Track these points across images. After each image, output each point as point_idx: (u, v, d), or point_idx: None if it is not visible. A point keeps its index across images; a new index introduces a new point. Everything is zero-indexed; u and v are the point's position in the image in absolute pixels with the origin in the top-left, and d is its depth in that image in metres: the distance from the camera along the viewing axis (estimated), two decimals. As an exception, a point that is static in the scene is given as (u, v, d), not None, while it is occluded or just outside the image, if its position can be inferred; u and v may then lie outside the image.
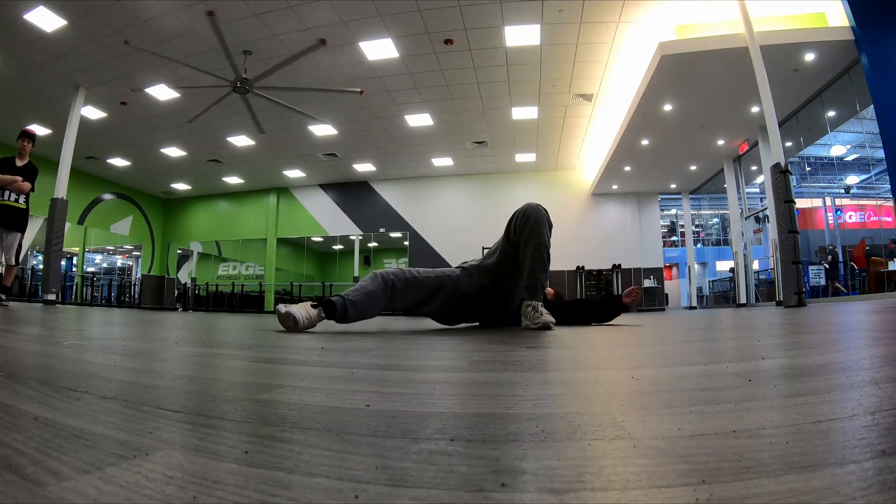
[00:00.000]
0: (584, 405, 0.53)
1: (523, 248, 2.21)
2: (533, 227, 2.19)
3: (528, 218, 2.21)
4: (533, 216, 2.20)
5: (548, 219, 2.26)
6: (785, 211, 6.01)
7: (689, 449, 0.35)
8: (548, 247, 2.22)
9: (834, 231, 12.75)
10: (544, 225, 2.22)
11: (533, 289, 2.18)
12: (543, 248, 2.19)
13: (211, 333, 2.12)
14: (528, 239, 2.19)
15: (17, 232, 5.14)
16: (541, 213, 2.22)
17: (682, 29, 7.07)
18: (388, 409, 0.51)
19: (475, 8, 6.82)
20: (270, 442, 0.39)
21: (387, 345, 1.45)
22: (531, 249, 2.19)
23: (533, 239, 2.18)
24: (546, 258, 2.21)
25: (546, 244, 2.21)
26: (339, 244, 16.32)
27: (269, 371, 0.90)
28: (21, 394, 0.58)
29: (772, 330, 1.85)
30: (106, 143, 11.47)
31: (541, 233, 2.19)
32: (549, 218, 2.27)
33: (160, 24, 7.09)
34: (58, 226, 8.32)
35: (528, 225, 2.20)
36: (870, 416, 0.42)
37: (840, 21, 6.70)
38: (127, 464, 0.32)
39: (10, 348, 1.19)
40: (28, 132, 5.28)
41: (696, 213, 19.27)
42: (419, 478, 0.30)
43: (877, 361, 0.78)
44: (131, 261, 18.58)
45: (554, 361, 1.05)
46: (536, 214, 2.21)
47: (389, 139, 11.49)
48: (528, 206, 2.25)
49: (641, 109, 8.46)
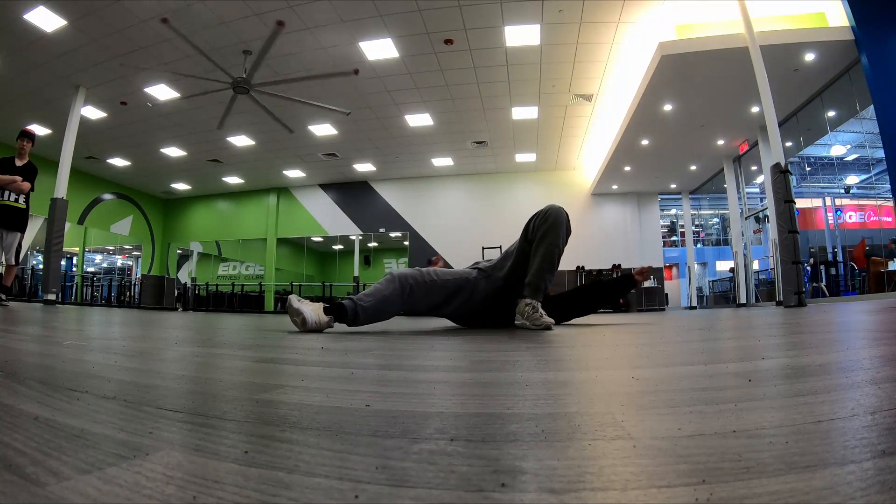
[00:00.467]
0: (584, 405, 0.53)
1: (536, 246, 2.23)
2: (550, 227, 2.21)
3: (548, 218, 2.22)
4: (553, 217, 2.22)
5: (567, 224, 2.27)
6: (785, 211, 6.01)
7: (689, 449, 0.35)
8: (560, 250, 2.23)
9: (834, 231, 12.76)
10: (562, 227, 2.23)
11: (535, 287, 2.17)
12: (556, 249, 2.21)
13: (211, 333, 2.12)
14: (543, 238, 2.21)
15: (18, 232, 5.15)
16: (561, 216, 2.24)
17: (682, 29, 7.07)
18: (388, 409, 0.51)
19: (475, 8, 6.82)
20: (270, 442, 0.39)
21: (387, 345, 1.45)
22: (543, 249, 2.20)
23: (547, 239, 2.20)
24: (556, 260, 2.22)
25: (559, 246, 2.22)
26: (339, 244, 16.32)
27: (269, 371, 0.90)
28: (21, 394, 0.58)
29: (772, 330, 1.85)
30: (106, 143, 11.46)
31: (556, 234, 2.20)
32: (569, 224, 2.28)
33: (160, 25, 7.08)
34: (58, 226, 8.32)
35: (546, 225, 2.21)
36: (870, 416, 0.42)
37: (840, 21, 6.70)
38: (127, 464, 0.32)
39: (10, 348, 1.19)
40: (27, 132, 5.28)
41: (696, 213, 19.27)
42: (419, 478, 0.30)
43: (877, 361, 0.78)
44: (131, 261, 18.57)
45: (554, 361, 1.05)
46: (557, 216, 2.22)
47: (389, 139, 11.49)
48: (551, 207, 2.26)
49: (641, 109, 8.46)
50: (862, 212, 13.52)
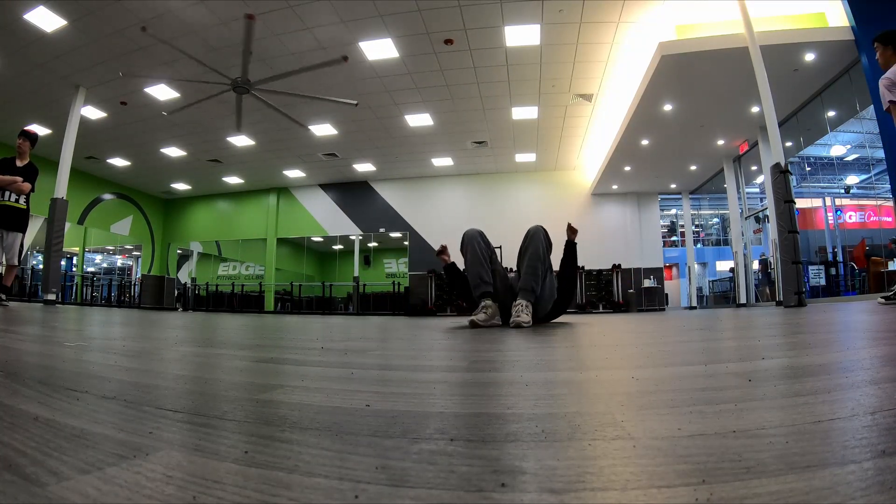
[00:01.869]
0: (584, 405, 0.53)
1: (521, 257, 2.76)
2: (530, 242, 2.74)
3: (528, 237, 2.77)
4: (532, 233, 2.76)
5: (545, 237, 2.77)
6: (785, 211, 6.01)
7: (689, 449, 0.35)
8: (541, 259, 2.70)
9: (834, 231, 12.75)
10: (541, 241, 2.73)
11: (525, 290, 2.62)
12: (537, 259, 2.68)
13: (211, 333, 2.12)
14: (527, 250, 2.73)
15: (18, 232, 5.14)
16: (538, 232, 2.76)
17: (682, 29, 7.07)
18: (388, 409, 0.51)
19: (475, 8, 6.82)
20: (270, 442, 0.39)
21: (387, 345, 1.45)
22: (527, 259, 2.70)
23: (529, 251, 2.71)
24: (539, 267, 2.67)
25: (539, 256, 2.69)
26: (339, 244, 16.32)
27: (269, 371, 0.90)
28: (21, 394, 0.58)
29: (772, 330, 1.85)
30: (106, 143, 11.46)
31: (536, 247, 2.70)
32: (547, 237, 2.78)
33: (160, 25, 7.09)
34: (58, 226, 8.32)
35: (527, 241, 2.76)
36: (870, 416, 0.42)
37: (840, 21, 6.70)
38: (127, 464, 0.32)
39: (10, 348, 1.19)
40: (28, 132, 5.27)
41: (696, 213, 19.26)
42: (419, 478, 0.30)
43: (877, 361, 0.78)
44: (131, 261, 18.57)
45: (554, 361, 1.05)
46: (535, 232, 2.76)
47: (389, 139, 11.49)
48: (531, 228, 2.80)
49: (641, 109, 8.46)
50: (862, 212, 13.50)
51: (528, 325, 2.44)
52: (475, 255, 2.72)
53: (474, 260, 2.72)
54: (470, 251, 2.75)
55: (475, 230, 2.81)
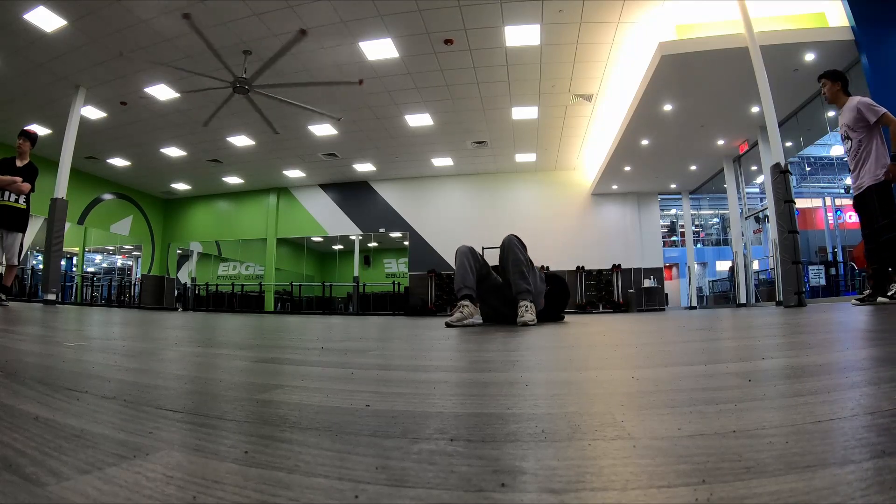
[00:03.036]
0: (584, 405, 0.53)
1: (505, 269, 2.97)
2: (508, 252, 2.94)
3: (504, 249, 2.98)
4: (505, 246, 2.98)
5: (518, 241, 2.99)
6: (785, 211, 6.01)
7: (689, 449, 0.35)
8: (523, 262, 2.90)
9: (834, 231, 12.76)
10: (516, 247, 2.94)
11: (521, 292, 2.81)
12: (520, 263, 2.89)
13: (210, 333, 2.12)
14: (507, 260, 2.94)
15: (18, 232, 5.15)
16: (511, 241, 2.98)
17: (682, 29, 7.07)
18: (388, 409, 0.51)
19: (475, 8, 6.81)
20: (270, 442, 0.39)
21: (387, 345, 1.45)
22: (511, 266, 2.91)
23: (510, 258, 2.92)
24: (524, 270, 2.87)
25: (521, 260, 2.90)
26: (339, 244, 16.32)
27: (269, 371, 0.90)
28: (21, 394, 0.58)
29: (772, 330, 1.85)
30: (106, 143, 11.46)
31: (515, 254, 2.91)
32: (519, 241, 2.99)
33: (160, 25, 7.09)
34: (58, 226, 8.32)
35: (504, 252, 2.98)
36: (870, 416, 0.42)
37: (840, 21, 6.70)
38: (127, 464, 0.32)
39: (10, 348, 1.19)
40: (28, 132, 5.27)
41: (696, 213, 19.28)
42: (419, 478, 0.30)
43: (877, 362, 0.78)
44: (131, 261, 18.56)
45: (554, 361, 1.05)
46: (509, 243, 2.98)
47: (389, 139, 11.48)
48: (504, 240, 3.00)
49: (641, 109, 8.46)
50: (862, 212, 13.48)
51: (533, 322, 2.65)
52: (462, 264, 2.96)
53: (460, 268, 2.96)
54: (458, 262, 2.98)
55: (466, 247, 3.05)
